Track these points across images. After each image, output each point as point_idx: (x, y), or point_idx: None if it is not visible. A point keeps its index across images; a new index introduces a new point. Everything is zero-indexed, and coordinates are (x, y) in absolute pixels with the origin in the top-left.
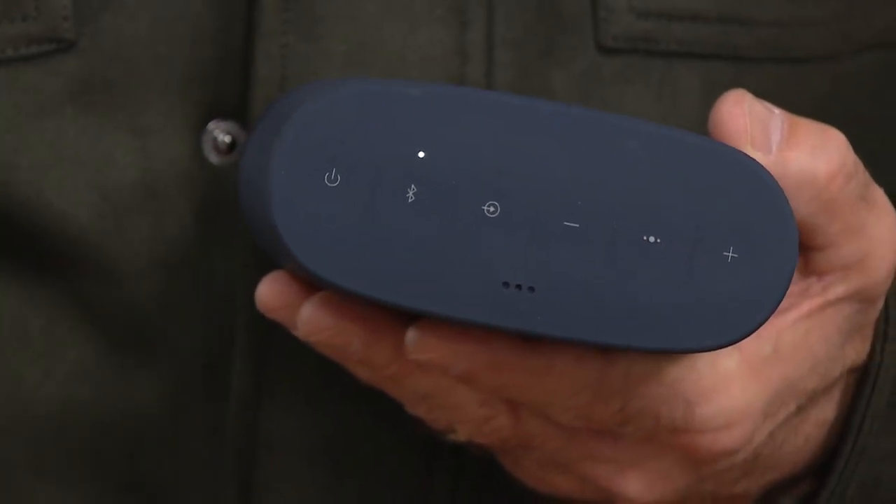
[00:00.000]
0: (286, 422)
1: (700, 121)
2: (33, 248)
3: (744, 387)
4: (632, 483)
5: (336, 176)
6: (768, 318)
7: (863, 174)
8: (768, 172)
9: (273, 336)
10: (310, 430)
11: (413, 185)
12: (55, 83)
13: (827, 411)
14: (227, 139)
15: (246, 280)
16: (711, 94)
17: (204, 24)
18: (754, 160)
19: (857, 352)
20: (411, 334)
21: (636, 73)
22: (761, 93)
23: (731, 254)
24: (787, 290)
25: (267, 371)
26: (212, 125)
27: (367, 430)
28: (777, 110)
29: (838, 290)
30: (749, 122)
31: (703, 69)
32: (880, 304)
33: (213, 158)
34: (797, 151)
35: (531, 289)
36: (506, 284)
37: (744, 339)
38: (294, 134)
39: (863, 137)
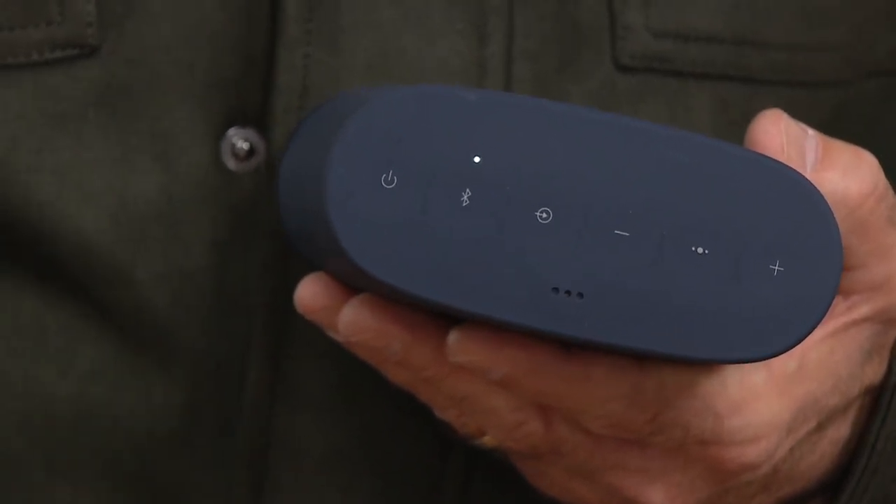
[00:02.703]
0: (299, 424)
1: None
2: (52, 249)
3: (770, 402)
4: (656, 493)
5: (393, 178)
6: (812, 330)
7: (892, 197)
8: (816, 189)
9: (289, 337)
10: (322, 433)
11: (468, 190)
12: (78, 88)
13: (842, 430)
14: (246, 146)
15: (262, 284)
16: (723, 114)
17: (226, 32)
18: (804, 176)
19: (874, 372)
20: (454, 336)
21: (650, 91)
22: None
23: (777, 267)
24: (831, 304)
25: (281, 372)
26: (231, 132)
27: (379, 433)
28: (811, 131)
29: (863, 310)
30: (785, 141)
31: (716, 89)
32: None
33: (232, 165)
34: (831, 172)
35: (580, 295)
36: (555, 290)
37: (787, 351)
38: (353, 135)
39: None
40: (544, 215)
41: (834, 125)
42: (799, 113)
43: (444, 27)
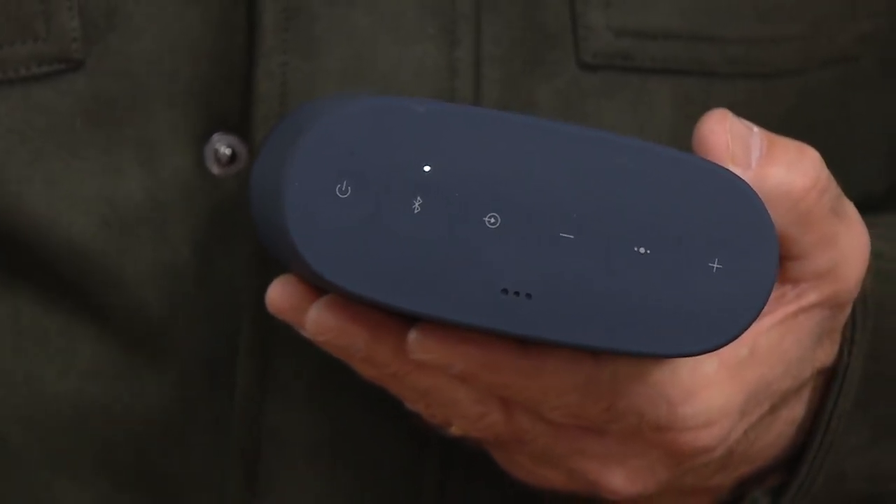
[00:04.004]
0: (289, 417)
1: (672, 133)
2: (46, 255)
3: (722, 388)
4: (616, 477)
5: (347, 187)
6: (750, 325)
7: (835, 188)
8: (752, 188)
9: (276, 335)
10: (311, 425)
11: (419, 197)
12: (66, 101)
13: (797, 410)
14: (228, 151)
15: (249, 282)
16: (683, 109)
17: (206, 43)
18: (738, 177)
19: (826, 354)
20: (413, 335)
21: (613, 88)
22: (731, 107)
23: (715, 265)
24: (767, 299)
25: (270, 368)
26: (215, 137)
27: (363, 424)
28: (756, 128)
29: (811, 297)
30: (730, 139)
31: (676, 84)
32: (849, 309)
33: (215, 169)
34: (775, 167)
35: (528, 295)
36: (504, 291)
37: (727, 344)
38: (308, 148)
39: (825, 148)
40: (493, 220)
41: (795, 113)
42: (758, 104)
43: (417, 33)
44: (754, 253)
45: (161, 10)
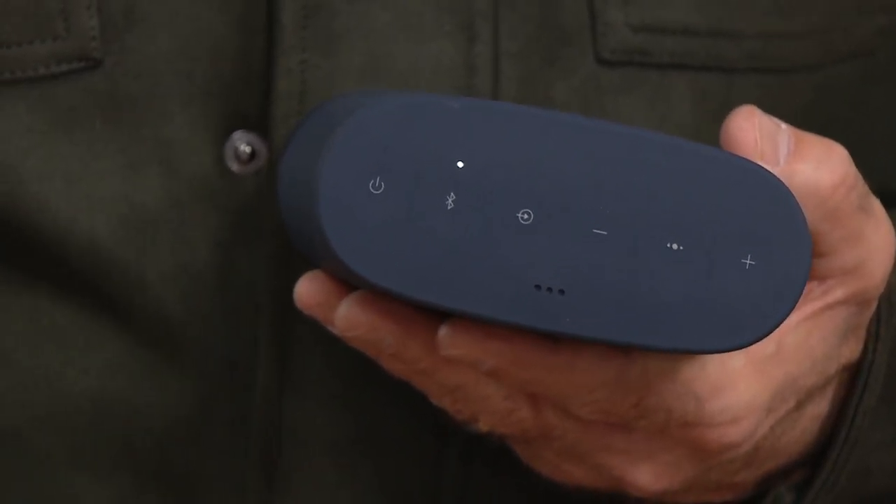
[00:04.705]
0: (308, 416)
1: (691, 128)
2: (65, 254)
3: (749, 384)
4: (643, 473)
5: (380, 183)
6: (782, 321)
7: (862, 185)
8: (784, 184)
9: (295, 335)
10: (330, 424)
11: (452, 193)
12: (85, 99)
13: (822, 406)
14: (248, 149)
15: (267, 282)
16: (701, 104)
17: (224, 42)
18: (772, 173)
19: (851, 350)
20: (444, 331)
21: (632, 83)
22: (748, 101)
23: (748, 261)
24: (800, 295)
25: (290, 365)
26: (236, 135)
27: (382, 422)
28: (784, 125)
29: (837, 294)
30: (759, 136)
31: (694, 79)
32: (874, 306)
33: (235, 167)
34: (803, 164)
35: (561, 291)
36: (538, 287)
37: (759, 341)
38: (342, 145)
39: (843, 143)
40: (526, 216)
41: (813, 108)
42: (776, 99)
43: (435, 30)
44: (787, 249)
45: (179, 9)
